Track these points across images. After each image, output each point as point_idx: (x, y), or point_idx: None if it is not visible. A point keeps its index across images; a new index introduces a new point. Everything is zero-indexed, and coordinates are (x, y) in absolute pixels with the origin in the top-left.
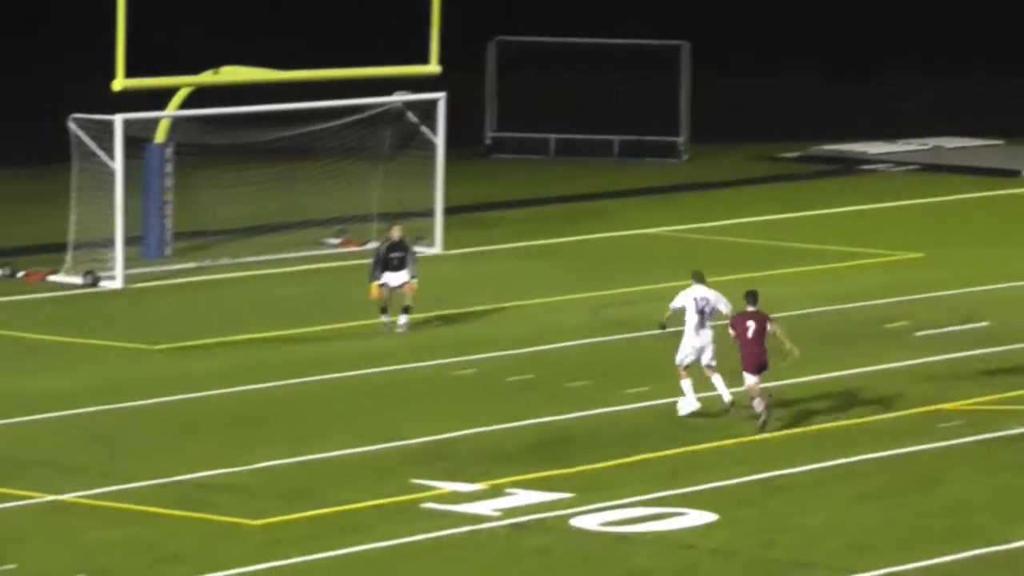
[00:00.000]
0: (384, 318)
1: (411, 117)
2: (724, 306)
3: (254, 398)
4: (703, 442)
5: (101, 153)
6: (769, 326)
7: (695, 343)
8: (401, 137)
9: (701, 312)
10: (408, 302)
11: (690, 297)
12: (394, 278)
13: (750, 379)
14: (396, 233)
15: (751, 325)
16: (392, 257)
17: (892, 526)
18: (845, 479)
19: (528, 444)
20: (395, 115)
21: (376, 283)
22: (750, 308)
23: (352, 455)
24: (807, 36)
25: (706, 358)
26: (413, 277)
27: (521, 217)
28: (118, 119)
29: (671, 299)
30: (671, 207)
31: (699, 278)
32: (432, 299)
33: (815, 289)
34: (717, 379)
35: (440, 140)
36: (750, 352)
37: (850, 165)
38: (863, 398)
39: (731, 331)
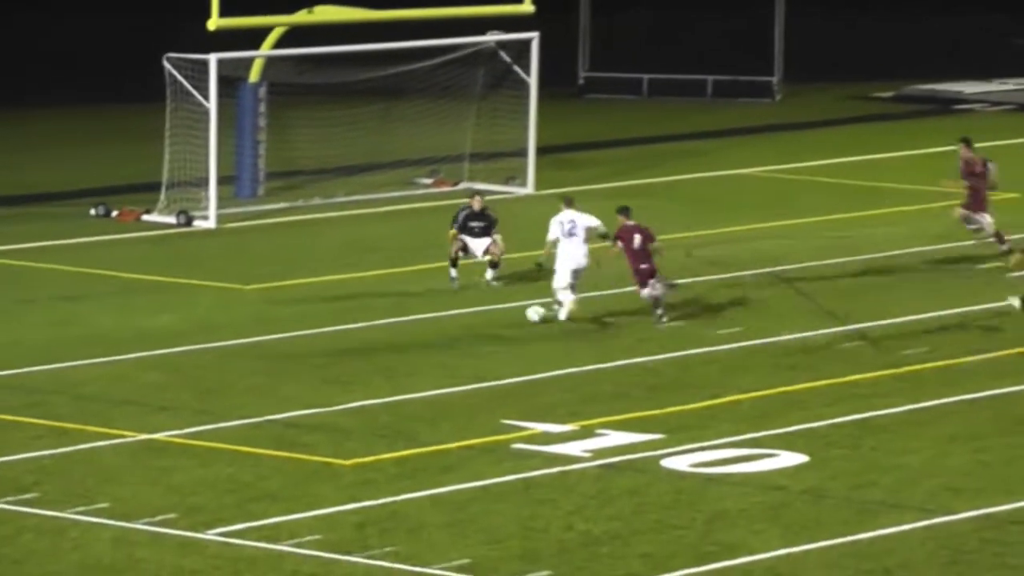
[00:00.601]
0: (453, 273)
1: (504, 57)
2: (593, 221)
3: (345, 338)
4: (796, 383)
5: (195, 93)
6: (647, 239)
7: (570, 265)
8: (494, 77)
9: (569, 234)
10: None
11: (557, 222)
12: (477, 245)
13: (644, 291)
14: (477, 204)
15: (637, 237)
16: (473, 226)
17: (986, 467)
18: (938, 420)
19: (619, 384)
20: (488, 55)
21: (454, 230)
22: (630, 222)
23: (442, 395)
24: None
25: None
26: (496, 235)
27: (613, 158)
28: (212, 58)
29: (762, 240)
30: (764, 147)
31: (568, 202)
32: (523, 240)
33: (909, 229)
34: (569, 297)
35: (533, 80)
36: (637, 262)
37: (945, 105)
38: (957, 339)
39: (618, 243)
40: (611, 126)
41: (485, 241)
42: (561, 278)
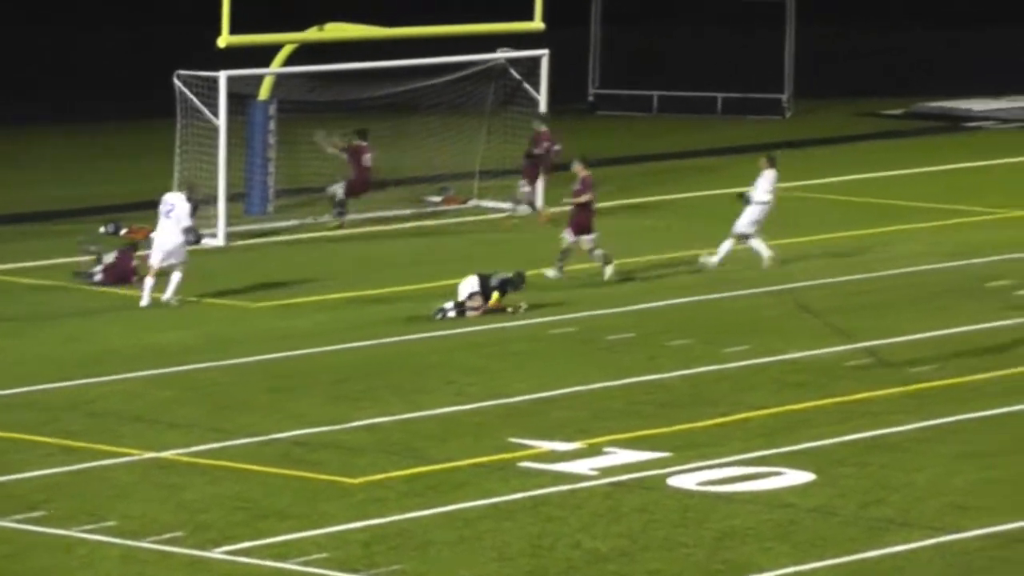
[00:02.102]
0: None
1: (514, 74)
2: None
3: (354, 356)
4: (804, 401)
5: (205, 110)
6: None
7: (165, 247)
8: (504, 94)
9: (167, 215)
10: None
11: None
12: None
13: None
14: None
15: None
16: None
17: (995, 485)
18: (947, 438)
19: (627, 403)
20: (498, 72)
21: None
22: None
23: (451, 413)
24: None
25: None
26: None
27: (624, 174)
28: (222, 76)
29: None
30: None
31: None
32: (533, 257)
33: (918, 247)
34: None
35: (543, 97)
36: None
37: (954, 122)
38: (966, 356)
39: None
40: (621, 143)
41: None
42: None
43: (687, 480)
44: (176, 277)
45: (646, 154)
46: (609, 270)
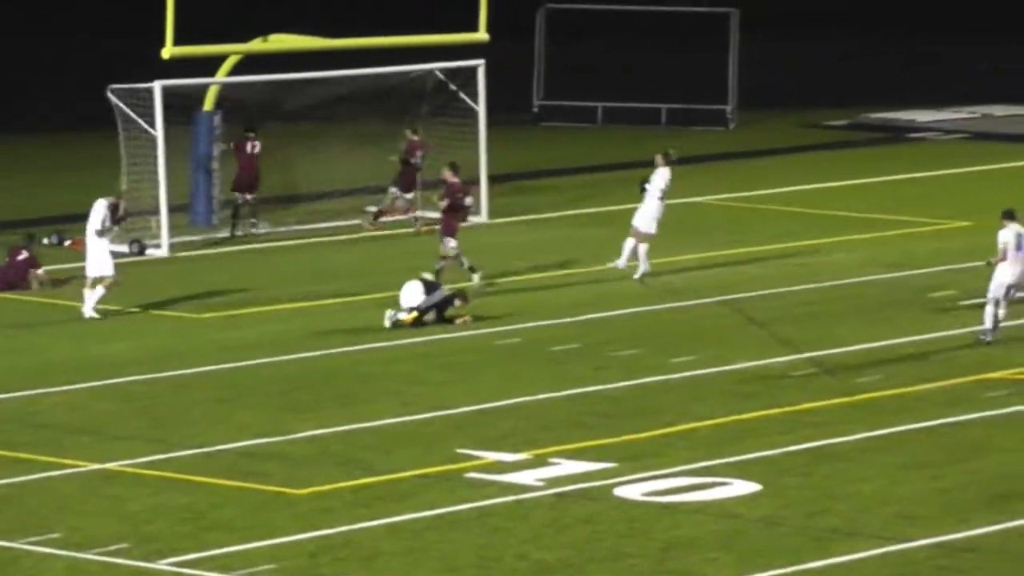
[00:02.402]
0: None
1: (450, 85)
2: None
3: (300, 367)
4: (750, 411)
5: (141, 121)
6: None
7: (89, 257)
8: (439, 105)
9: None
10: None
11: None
12: None
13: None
14: None
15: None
16: None
17: (940, 495)
18: (892, 448)
19: (573, 413)
20: (436, 83)
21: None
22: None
23: (397, 424)
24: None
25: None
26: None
27: (568, 185)
28: (157, 87)
29: (716, 268)
30: (719, 176)
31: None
32: (478, 266)
33: (863, 257)
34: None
35: (481, 108)
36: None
37: (898, 133)
38: (910, 367)
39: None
40: (566, 154)
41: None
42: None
43: (633, 491)
44: (98, 291)
45: (590, 165)
46: (476, 278)
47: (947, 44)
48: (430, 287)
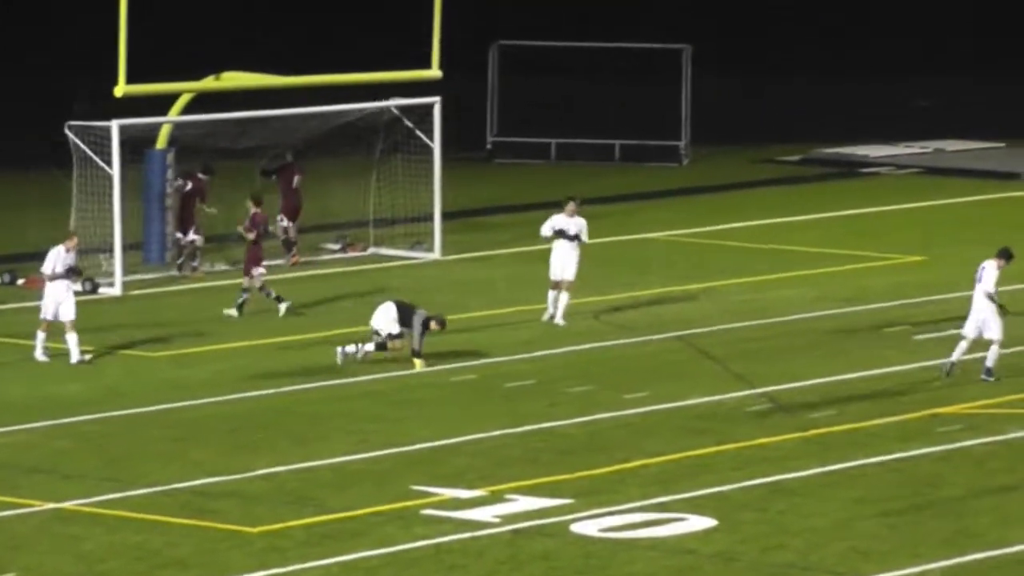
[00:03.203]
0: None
1: (406, 121)
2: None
3: (254, 405)
4: (704, 447)
5: (97, 159)
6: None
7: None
8: (396, 142)
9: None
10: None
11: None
12: None
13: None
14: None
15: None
16: None
17: (893, 530)
18: (846, 483)
19: (528, 450)
20: (391, 120)
21: None
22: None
23: (352, 461)
24: (809, 39)
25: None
26: None
27: (522, 221)
28: (114, 125)
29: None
30: (673, 211)
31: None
32: (431, 304)
33: (817, 292)
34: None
35: (436, 144)
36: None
37: (851, 168)
38: (864, 402)
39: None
40: (519, 190)
41: None
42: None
43: (589, 527)
44: (72, 338)
45: (544, 201)
46: (283, 308)
47: (894, 81)
48: (404, 310)
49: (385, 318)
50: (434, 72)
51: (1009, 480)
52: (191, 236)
